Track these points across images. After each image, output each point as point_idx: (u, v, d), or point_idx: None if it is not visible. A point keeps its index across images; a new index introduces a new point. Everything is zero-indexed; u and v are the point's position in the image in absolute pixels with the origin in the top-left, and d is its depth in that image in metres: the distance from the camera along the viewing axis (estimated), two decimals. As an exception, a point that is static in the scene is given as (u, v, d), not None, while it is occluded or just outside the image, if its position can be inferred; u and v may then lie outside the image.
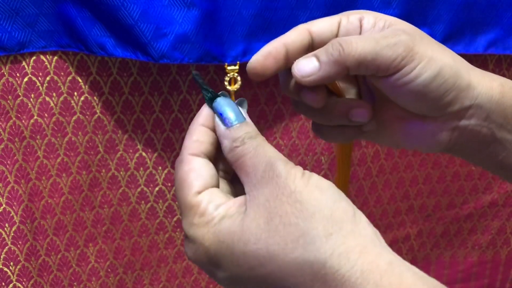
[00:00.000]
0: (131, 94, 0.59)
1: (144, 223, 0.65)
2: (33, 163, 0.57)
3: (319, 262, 0.27)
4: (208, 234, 0.30)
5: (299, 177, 0.29)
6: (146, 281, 0.67)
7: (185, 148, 0.33)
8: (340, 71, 0.32)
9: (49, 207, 0.59)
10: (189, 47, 0.52)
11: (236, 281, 0.30)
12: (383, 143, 0.39)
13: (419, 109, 0.35)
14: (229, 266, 0.29)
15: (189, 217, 0.31)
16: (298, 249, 0.27)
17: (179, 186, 0.31)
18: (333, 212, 0.28)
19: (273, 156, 0.30)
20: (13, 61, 0.53)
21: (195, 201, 0.31)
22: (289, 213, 0.28)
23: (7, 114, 0.54)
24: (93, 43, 0.53)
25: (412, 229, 0.76)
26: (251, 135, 0.31)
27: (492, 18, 0.63)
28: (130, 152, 0.61)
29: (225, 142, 0.31)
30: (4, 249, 0.55)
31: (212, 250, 0.30)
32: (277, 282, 0.28)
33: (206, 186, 0.31)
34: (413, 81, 0.33)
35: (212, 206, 0.30)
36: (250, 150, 0.30)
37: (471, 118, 0.35)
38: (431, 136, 0.36)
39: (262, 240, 0.28)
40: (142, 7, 0.50)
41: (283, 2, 0.55)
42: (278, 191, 0.29)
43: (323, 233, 0.27)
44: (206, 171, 0.32)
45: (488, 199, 0.77)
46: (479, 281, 0.82)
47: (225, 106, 0.32)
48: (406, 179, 0.73)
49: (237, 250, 0.29)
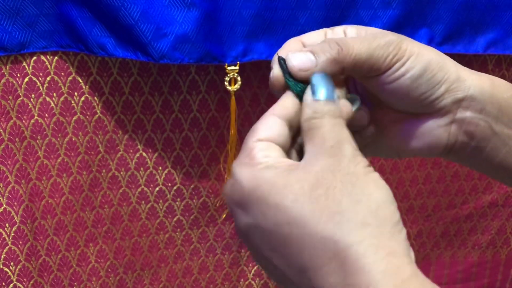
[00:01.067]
0: (132, 94, 0.59)
1: (144, 223, 0.65)
2: (33, 163, 0.57)
3: (344, 243, 0.26)
4: (249, 174, 0.30)
5: (362, 165, 0.29)
6: (146, 281, 0.67)
7: (270, 109, 0.33)
8: (335, 70, 0.33)
9: (50, 207, 0.59)
10: (189, 47, 0.52)
11: (255, 234, 0.30)
12: (383, 153, 0.39)
13: (412, 105, 0.35)
14: (257, 213, 0.29)
15: (240, 157, 0.31)
16: (329, 224, 0.27)
17: (250, 132, 0.32)
18: (379, 209, 0.28)
19: (347, 138, 0.30)
20: (13, 61, 0.53)
21: (252, 145, 0.31)
22: (337, 189, 0.28)
23: (8, 114, 0.54)
24: (93, 43, 0.53)
25: (412, 229, 0.76)
26: (334, 114, 0.31)
27: (492, 18, 0.63)
28: (130, 152, 0.61)
29: (307, 110, 0.31)
30: (5, 249, 0.55)
31: (247, 191, 0.29)
32: (294, 249, 0.28)
33: (268, 139, 0.31)
34: (403, 75, 0.33)
35: (262, 154, 0.30)
36: (326, 124, 0.30)
37: (466, 110, 0.35)
38: (429, 134, 0.36)
39: (299, 201, 0.28)
40: (142, 7, 0.50)
41: (283, 2, 0.55)
42: (336, 167, 0.28)
43: (361, 220, 0.27)
44: (276, 128, 0.32)
45: (488, 199, 0.77)
46: (479, 281, 0.82)
47: (321, 80, 0.32)
48: (406, 179, 0.73)
49: (271, 201, 0.28)
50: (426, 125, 0.36)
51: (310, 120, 0.31)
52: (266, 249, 0.30)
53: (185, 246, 0.67)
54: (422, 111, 0.35)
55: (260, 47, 0.56)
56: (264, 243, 0.30)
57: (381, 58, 0.33)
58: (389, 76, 0.33)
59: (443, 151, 0.37)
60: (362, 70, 0.33)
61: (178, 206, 0.65)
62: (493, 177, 0.40)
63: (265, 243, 0.29)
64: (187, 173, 0.64)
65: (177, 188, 0.64)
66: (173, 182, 0.64)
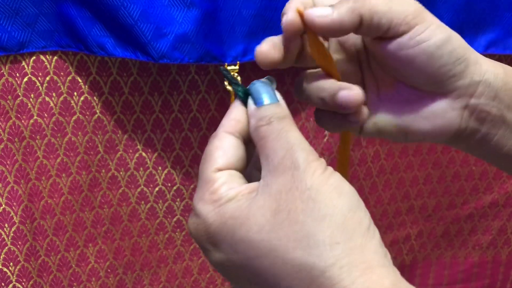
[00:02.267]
0: (131, 94, 0.59)
1: (144, 223, 0.64)
2: (32, 163, 0.56)
3: (318, 269, 0.26)
4: (212, 212, 0.29)
5: (318, 173, 0.28)
6: (146, 281, 0.67)
7: (221, 125, 0.32)
8: (353, 19, 0.31)
9: (49, 207, 0.58)
10: (189, 47, 0.52)
11: (230, 268, 0.29)
12: (391, 135, 0.37)
13: (430, 80, 0.34)
14: (227, 249, 0.28)
15: (201, 191, 0.30)
16: (299, 250, 0.26)
17: (204, 159, 0.31)
18: (346, 220, 0.26)
19: (296, 143, 0.29)
20: (12, 61, 0.53)
21: (212, 177, 0.30)
22: (299, 210, 0.27)
23: (7, 114, 0.54)
24: (93, 43, 0.53)
25: (412, 229, 0.76)
26: (279, 116, 0.30)
27: (492, 18, 0.63)
28: (130, 152, 0.61)
29: (252, 121, 0.30)
30: (4, 250, 0.55)
31: (213, 229, 0.29)
32: (270, 279, 0.27)
33: (228, 166, 0.30)
34: (427, 40, 0.32)
35: (225, 187, 0.29)
36: (273, 132, 0.29)
37: (480, 96, 0.34)
38: (442, 116, 0.35)
39: (264, 231, 0.27)
40: (142, 7, 0.50)
41: (283, 2, 0.55)
42: (293, 184, 0.27)
43: (329, 239, 0.26)
44: (233, 151, 0.31)
45: (489, 199, 0.76)
46: (479, 282, 0.82)
47: (260, 87, 0.31)
48: (407, 179, 0.73)
49: (237, 236, 0.28)
50: (440, 106, 0.35)
51: (257, 129, 0.30)
52: (244, 282, 0.29)
53: (185, 246, 0.67)
54: (437, 88, 0.34)
55: (260, 47, 0.56)
56: (240, 276, 0.29)
57: (401, 14, 0.32)
58: (411, 39, 0.32)
59: (453, 136, 0.36)
60: (380, 26, 0.32)
61: (178, 206, 0.65)
62: (500, 167, 0.39)
63: (241, 276, 0.29)
64: (187, 173, 0.64)
65: (177, 188, 0.64)
66: (173, 182, 0.63)
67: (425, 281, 0.78)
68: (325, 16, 0.32)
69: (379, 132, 0.37)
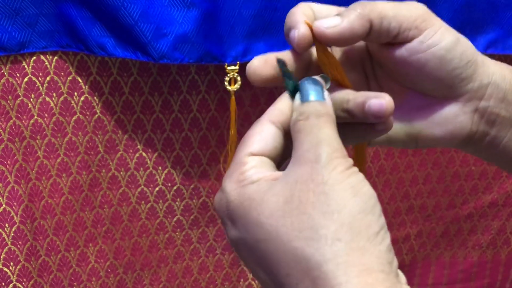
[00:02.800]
0: (131, 94, 0.59)
1: (144, 223, 0.64)
2: (33, 163, 0.57)
3: (315, 262, 0.26)
4: (235, 191, 0.30)
5: (338, 170, 0.27)
6: (146, 281, 0.67)
7: (266, 113, 0.32)
8: (363, 25, 0.32)
9: (49, 207, 0.58)
10: (189, 47, 0.52)
11: (242, 247, 0.30)
12: (400, 143, 0.37)
13: (441, 84, 0.34)
14: (241, 228, 0.29)
15: (231, 170, 0.31)
16: (300, 240, 0.26)
17: (243, 141, 0.31)
18: (353, 221, 0.26)
19: (324, 139, 0.28)
20: (13, 61, 0.53)
21: (243, 160, 0.30)
22: (309, 202, 0.27)
23: (7, 114, 0.54)
24: (93, 43, 0.53)
25: (412, 229, 0.76)
26: (319, 113, 0.30)
27: (492, 18, 0.63)
28: (130, 152, 0.61)
29: (294, 114, 0.30)
30: (4, 249, 0.55)
31: (232, 207, 0.30)
32: (273, 265, 0.28)
33: (261, 153, 0.31)
34: (437, 44, 0.32)
35: (253, 171, 0.30)
36: (307, 127, 0.29)
37: (490, 99, 0.34)
38: (453, 121, 0.35)
39: (274, 217, 0.27)
40: (142, 7, 0.50)
41: (283, 2, 0.55)
42: (309, 176, 0.27)
43: (331, 235, 0.26)
44: (270, 139, 0.31)
45: (488, 199, 0.77)
46: (479, 281, 0.82)
47: (309, 84, 0.31)
48: (406, 179, 0.73)
49: (250, 217, 0.28)
50: (451, 111, 0.35)
51: (295, 123, 0.30)
52: (252, 262, 0.30)
53: (185, 246, 0.67)
54: (448, 93, 0.34)
55: (260, 47, 0.56)
56: (249, 257, 0.30)
57: (410, 17, 0.32)
58: (422, 44, 0.32)
59: (464, 140, 0.36)
60: (390, 30, 0.32)
61: (178, 206, 0.65)
62: (508, 171, 0.39)
63: (250, 257, 0.30)
64: (187, 173, 0.64)
65: (177, 188, 0.64)
66: (173, 182, 0.64)
67: (425, 280, 0.79)
68: (334, 26, 0.32)
69: (389, 141, 0.37)
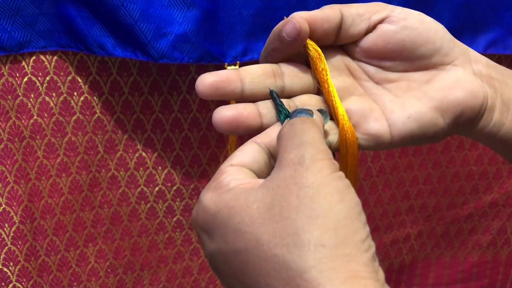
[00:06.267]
0: (131, 94, 0.59)
1: (144, 223, 0.64)
2: (32, 163, 0.56)
3: (296, 269, 0.24)
4: (211, 199, 0.28)
5: (324, 173, 0.26)
6: (146, 281, 0.67)
7: (254, 137, 0.32)
8: (334, 11, 0.34)
9: (49, 207, 0.58)
10: (189, 47, 0.52)
11: (219, 261, 0.28)
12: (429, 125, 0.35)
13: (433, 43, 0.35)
14: (219, 238, 0.28)
15: (210, 182, 0.30)
16: (282, 247, 0.25)
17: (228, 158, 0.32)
18: (339, 226, 0.25)
19: (309, 141, 0.27)
20: (12, 61, 0.53)
21: (223, 170, 0.30)
22: (293, 207, 0.25)
23: (7, 114, 0.54)
24: (92, 43, 0.53)
25: (412, 229, 0.76)
26: (304, 120, 0.29)
27: (492, 18, 0.63)
28: (130, 152, 0.61)
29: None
30: (4, 249, 0.55)
31: (209, 216, 0.28)
32: (250, 277, 0.26)
33: (240, 163, 0.30)
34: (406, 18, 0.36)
35: (229, 178, 0.29)
36: (291, 131, 0.28)
37: (478, 63, 0.36)
38: (465, 81, 0.35)
39: (255, 224, 0.26)
40: (142, 7, 0.50)
41: (283, 2, 0.55)
42: (292, 179, 0.26)
43: (315, 241, 0.24)
44: (251, 154, 0.31)
45: (489, 199, 0.77)
46: (479, 281, 0.82)
47: (300, 113, 0.31)
48: (407, 179, 0.73)
49: (229, 226, 0.27)
50: (458, 73, 0.35)
51: (280, 132, 0.30)
52: (229, 276, 0.28)
53: (185, 246, 0.67)
54: (443, 55, 0.35)
55: (260, 47, 0.56)
56: (226, 269, 0.28)
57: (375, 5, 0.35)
58: (392, 21, 0.35)
59: (481, 105, 0.35)
60: (360, 13, 0.34)
61: (178, 206, 0.65)
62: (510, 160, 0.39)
63: (227, 269, 0.28)
64: (187, 173, 0.64)
65: (176, 188, 0.64)
66: (173, 182, 0.64)
67: (425, 281, 0.78)
68: (309, 13, 0.34)
69: (417, 122, 0.34)
